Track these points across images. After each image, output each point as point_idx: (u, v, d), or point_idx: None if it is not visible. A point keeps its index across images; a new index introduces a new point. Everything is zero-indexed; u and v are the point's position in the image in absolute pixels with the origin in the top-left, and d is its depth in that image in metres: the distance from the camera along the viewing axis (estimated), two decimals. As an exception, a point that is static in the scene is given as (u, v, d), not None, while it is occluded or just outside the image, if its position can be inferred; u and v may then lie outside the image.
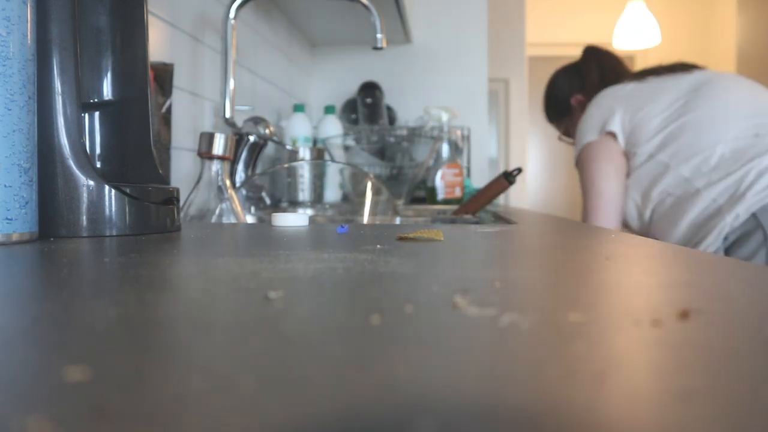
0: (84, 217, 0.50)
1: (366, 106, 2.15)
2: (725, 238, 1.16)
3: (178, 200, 0.59)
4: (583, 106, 1.49)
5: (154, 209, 0.54)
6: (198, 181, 0.82)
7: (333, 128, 1.87)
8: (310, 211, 1.26)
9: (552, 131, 1.86)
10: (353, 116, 2.15)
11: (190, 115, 1.19)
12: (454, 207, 1.42)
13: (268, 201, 1.15)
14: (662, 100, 1.28)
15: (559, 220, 0.79)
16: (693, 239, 1.21)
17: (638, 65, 4.99)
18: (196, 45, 1.21)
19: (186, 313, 0.20)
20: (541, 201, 5.10)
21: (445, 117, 1.92)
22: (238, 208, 0.83)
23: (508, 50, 3.80)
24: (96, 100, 0.55)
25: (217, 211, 0.82)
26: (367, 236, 0.51)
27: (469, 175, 2.14)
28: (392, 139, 1.73)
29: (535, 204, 5.05)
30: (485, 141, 2.31)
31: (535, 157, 5.00)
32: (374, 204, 1.06)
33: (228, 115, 1.22)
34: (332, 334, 0.17)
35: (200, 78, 1.23)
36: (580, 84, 1.51)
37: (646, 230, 1.32)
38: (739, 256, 1.14)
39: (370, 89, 2.15)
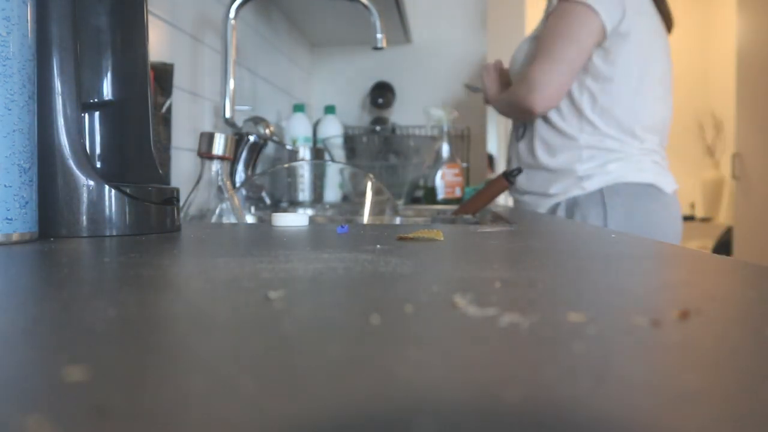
0: (84, 217, 0.50)
1: (377, 106, 2.15)
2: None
3: (178, 200, 0.59)
4: None
5: (154, 209, 0.54)
6: (198, 181, 0.82)
7: (333, 128, 1.87)
8: (310, 211, 1.26)
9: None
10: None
11: (190, 115, 1.19)
12: (454, 207, 1.42)
13: (268, 201, 1.15)
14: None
15: (558, 220, 0.79)
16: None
17: (638, 65, 4.98)
18: (196, 45, 1.21)
19: (186, 313, 0.20)
20: (541, 201, 5.09)
21: (445, 117, 1.92)
22: (238, 208, 0.83)
23: (508, 50, 3.80)
24: (96, 100, 0.55)
25: (217, 211, 0.82)
26: (367, 236, 0.51)
27: (469, 176, 2.14)
28: (392, 140, 1.73)
29: (535, 204, 5.03)
30: (485, 141, 2.31)
31: (535, 157, 4.98)
32: (374, 204, 1.06)
33: (228, 115, 1.22)
34: (332, 334, 0.17)
35: (200, 78, 1.23)
36: None
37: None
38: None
39: (383, 90, 2.15)
